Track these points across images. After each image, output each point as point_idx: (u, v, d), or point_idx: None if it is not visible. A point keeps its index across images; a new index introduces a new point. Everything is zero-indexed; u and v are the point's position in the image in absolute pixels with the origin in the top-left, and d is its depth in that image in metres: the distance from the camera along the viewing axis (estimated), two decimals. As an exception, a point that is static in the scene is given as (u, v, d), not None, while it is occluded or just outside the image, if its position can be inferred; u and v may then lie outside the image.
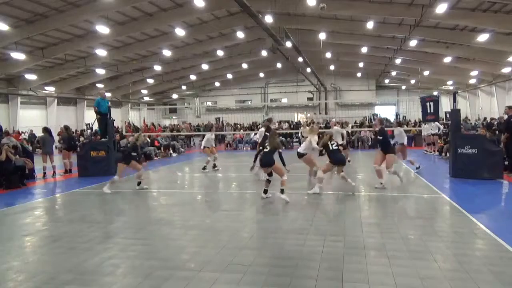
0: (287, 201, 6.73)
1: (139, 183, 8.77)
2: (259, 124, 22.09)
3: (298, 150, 8.74)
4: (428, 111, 10.60)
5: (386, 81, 36.99)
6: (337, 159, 7.61)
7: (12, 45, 17.46)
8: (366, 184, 8.92)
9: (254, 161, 7.48)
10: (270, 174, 7.09)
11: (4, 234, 5.43)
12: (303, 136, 11.44)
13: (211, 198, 8.04)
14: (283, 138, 20.48)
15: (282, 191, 6.85)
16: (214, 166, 11.96)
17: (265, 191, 7.21)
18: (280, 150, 7.00)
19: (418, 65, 27.01)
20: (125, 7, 16.43)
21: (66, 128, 12.83)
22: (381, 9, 16.53)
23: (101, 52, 20.84)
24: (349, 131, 19.74)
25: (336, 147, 7.72)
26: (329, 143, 7.68)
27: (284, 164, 6.99)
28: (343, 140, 11.99)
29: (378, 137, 8.62)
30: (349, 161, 11.64)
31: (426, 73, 29.03)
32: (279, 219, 5.74)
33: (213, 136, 12.52)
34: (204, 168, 11.63)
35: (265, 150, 6.98)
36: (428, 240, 4.60)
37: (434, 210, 6.28)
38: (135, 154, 8.70)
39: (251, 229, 5.32)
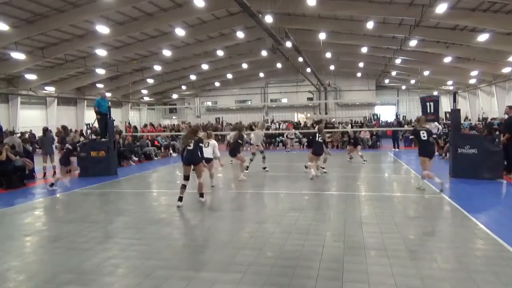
0: (204, 201, 6.93)
1: None
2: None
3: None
4: (428, 111, 10.61)
5: (386, 81, 37.00)
6: (319, 151, 9.39)
7: (12, 45, 17.45)
8: (366, 184, 8.91)
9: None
10: (187, 178, 6.85)
11: (4, 234, 5.43)
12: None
13: (212, 198, 8.04)
14: (284, 138, 20.51)
15: (201, 195, 6.97)
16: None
17: (181, 198, 6.78)
18: (201, 145, 6.88)
19: (418, 65, 27.01)
20: (125, 7, 16.42)
21: (64, 128, 12.83)
22: (381, 9, 16.52)
23: (101, 52, 20.83)
24: (349, 131, 19.76)
25: (321, 140, 9.43)
26: (317, 134, 9.33)
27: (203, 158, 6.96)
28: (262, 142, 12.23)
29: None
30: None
31: (426, 73, 29.03)
32: (279, 219, 5.74)
33: None
34: None
35: (189, 148, 6.80)
36: (428, 240, 4.61)
37: (434, 210, 6.28)
38: None
39: (251, 229, 5.32)
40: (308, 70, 28.61)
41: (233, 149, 9.94)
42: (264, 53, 25.13)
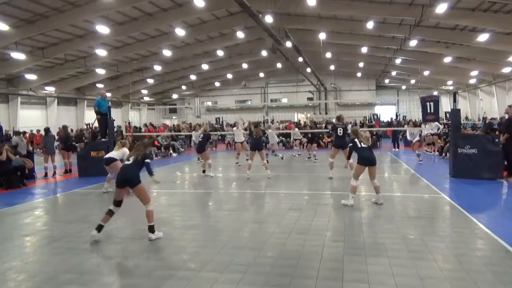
0: (159, 237, 4.92)
1: None
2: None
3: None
4: (428, 111, 10.60)
5: (386, 81, 37.00)
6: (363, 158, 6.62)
7: (12, 45, 17.45)
8: (366, 184, 8.90)
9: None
10: (119, 203, 4.99)
11: (4, 234, 5.43)
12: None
13: (211, 198, 8.05)
14: (283, 138, 20.50)
15: (150, 229, 4.88)
16: None
17: (100, 228, 4.85)
18: (148, 160, 5.11)
19: (418, 65, 27.01)
20: (125, 7, 16.42)
21: (64, 128, 12.85)
22: (381, 9, 16.52)
23: (101, 52, 20.83)
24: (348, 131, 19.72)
25: (365, 146, 6.71)
26: (356, 140, 6.67)
27: (151, 174, 5.12)
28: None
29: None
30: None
31: (426, 73, 29.03)
32: (279, 219, 5.74)
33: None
34: None
35: (127, 162, 5.09)
36: (428, 240, 4.60)
37: (434, 210, 6.28)
38: None
39: (251, 229, 5.32)
40: (308, 70, 28.60)
41: (259, 143, 10.08)
42: (264, 53, 25.13)
